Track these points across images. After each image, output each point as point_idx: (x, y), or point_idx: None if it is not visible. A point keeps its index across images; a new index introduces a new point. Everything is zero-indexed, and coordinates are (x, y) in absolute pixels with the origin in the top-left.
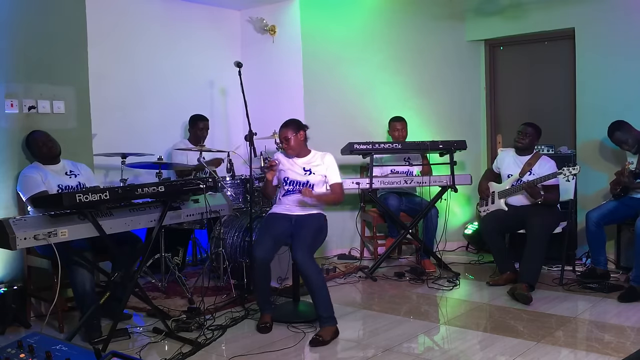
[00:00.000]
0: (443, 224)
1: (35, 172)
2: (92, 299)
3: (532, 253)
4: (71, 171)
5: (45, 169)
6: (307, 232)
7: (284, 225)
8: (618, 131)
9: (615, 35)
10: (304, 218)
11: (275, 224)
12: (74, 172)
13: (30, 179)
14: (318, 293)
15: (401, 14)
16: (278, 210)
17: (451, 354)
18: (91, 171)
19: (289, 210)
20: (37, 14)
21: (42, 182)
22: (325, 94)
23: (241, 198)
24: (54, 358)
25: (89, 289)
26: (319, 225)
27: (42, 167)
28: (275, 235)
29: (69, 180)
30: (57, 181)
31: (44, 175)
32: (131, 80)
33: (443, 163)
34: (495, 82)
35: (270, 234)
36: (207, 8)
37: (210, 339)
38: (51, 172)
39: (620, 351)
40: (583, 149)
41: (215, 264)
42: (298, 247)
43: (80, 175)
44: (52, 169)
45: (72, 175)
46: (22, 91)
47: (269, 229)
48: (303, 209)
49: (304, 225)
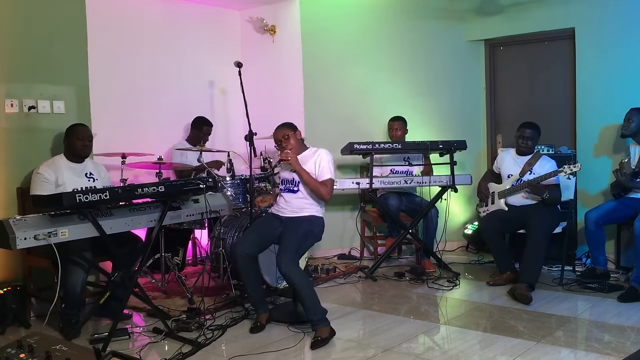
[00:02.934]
0: (443, 224)
1: (50, 172)
2: (80, 299)
3: (532, 253)
4: (91, 173)
5: (66, 167)
6: (293, 236)
7: (274, 225)
8: (637, 112)
9: (615, 35)
10: (294, 220)
11: (264, 223)
12: (94, 176)
13: (41, 179)
14: (304, 298)
15: (401, 14)
16: (273, 211)
17: (451, 354)
18: (109, 177)
19: (280, 211)
20: (37, 14)
21: (55, 184)
22: (325, 94)
23: (241, 198)
24: (54, 358)
25: (79, 291)
26: (307, 228)
27: (63, 163)
28: (261, 233)
29: (87, 183)
30: (75, 183)
31: (61, 175)
32: (131, 80)
33: (443, 163)
34: (495, 82)
35: (255, 231)
36: (207, 8)
37: (210, 339)
38: (71, 171)
39: (620, 351)
40: (583, 149)
41: (215, 264)
42: (281, 251)
43: (98, 180)
44: (73, 167)
45: (91, 178)
46: (22, 91)
47: (256, 227)
48: (294, 210)
49: (291, 228)
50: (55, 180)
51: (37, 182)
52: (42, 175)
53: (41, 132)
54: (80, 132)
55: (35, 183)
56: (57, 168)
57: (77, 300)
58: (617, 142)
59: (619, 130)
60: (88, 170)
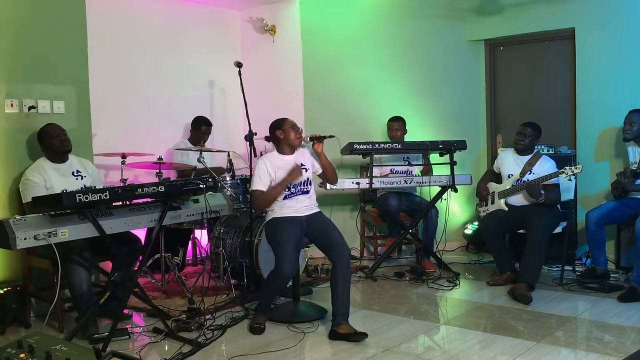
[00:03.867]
0: (443, 224)
1: (38, 176)
2: (89, 298)
3: (532, 253)
4: (78, 171)
5: (51, 169)
6: (337, 232)
7: (298, 228)
8: (636, 114)
9: (615, 35)
10: (317, 215)
11: (291, 230)
12: (81, 173)
13: (31, 185)
14: (345, 290)
15: (401, 14)
16: (285, 214)
17: (451, 354)
18: (97, 171)
19: (297, 212)
20: (37, 14)
21: (45, 187)
22: (325, 94)
23: (241, 198)
24: (54, 358)
25: (85, 289)
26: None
27: (47, 166)
28: (296, 243)
29: (75, 182)
30: (62, 185)
31: (48, 178)
32: (131, 80)
33: (443, 163)
34: (495, 82)
35: (291, 243)
36: (207, 8)
37: (210, 339)
38: (57, 172)
39: (620, 351)
40: (583, 149)
41: (215, 264)
42: (344, 246)
43: (86, 177)
44: (58, 168)
45: (79, 176)
46: (22, 91)
47: (289, 238)
48: (309, 208)
49: (325, 225)
50: (44, 183)
51: (29, 188)
52: (32, 181)
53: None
54: (52, 131)
55: (27, 190)
56: (43, 171)
57: (87, 298)
58: (617, 143)
59: (619, 131)
60: (74, 168)
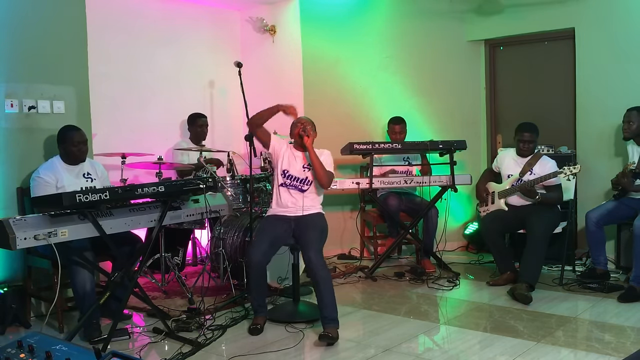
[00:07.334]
0: (443, 224)
1: (50, 175)
2: (92, 299)
3: (532, 253)
4: (89, 173)
5: (63, 170)
6: (315, 232)
7: (283, 226)
8: (635, 111)
9: (615, 35)
10: (306, 218)
11: (273, 226)
12: (91, 175)
13: (42, 183)
14: (326, 293)
15: (401, 13)
16: (277, 212)
17: (451, 354)
18: (107, 174)
19: (287, 211)
20: (37, 14)
21: (56, 186)
22: (325, 94)
23: (241, 198)
24: (54, 358)
25: (89, 290)
26: (321, 224)
27: (60, 166)
28: (273, 237)
29: (85, 184)
30: (73, 185)
31: (60, 178)
32: (131, 80)
33: (443, 163)
34: (495, 82)
35: (267, 235)
36: (207, 8)
37: (210, 339)
38: (69, 173)
39: (620, 351)
40: (583, 149)
41: (215, 264)
42: (309, 247)
43: (96, 179)
44: (71, 169)
45: (89, 178)
46: (22, 91)
47: (267, 231)
48: (305, 209)
49: (308, 225)
50: (56, 183)
51: (39, 186)
52: (43, 179)
53: (41, 132)
54: (75, 138)
55: (37, 187)
56: (56, 171)
57: (89, 298)
58: (617, 143)
59: (620, 131)
60: (85, 170)
